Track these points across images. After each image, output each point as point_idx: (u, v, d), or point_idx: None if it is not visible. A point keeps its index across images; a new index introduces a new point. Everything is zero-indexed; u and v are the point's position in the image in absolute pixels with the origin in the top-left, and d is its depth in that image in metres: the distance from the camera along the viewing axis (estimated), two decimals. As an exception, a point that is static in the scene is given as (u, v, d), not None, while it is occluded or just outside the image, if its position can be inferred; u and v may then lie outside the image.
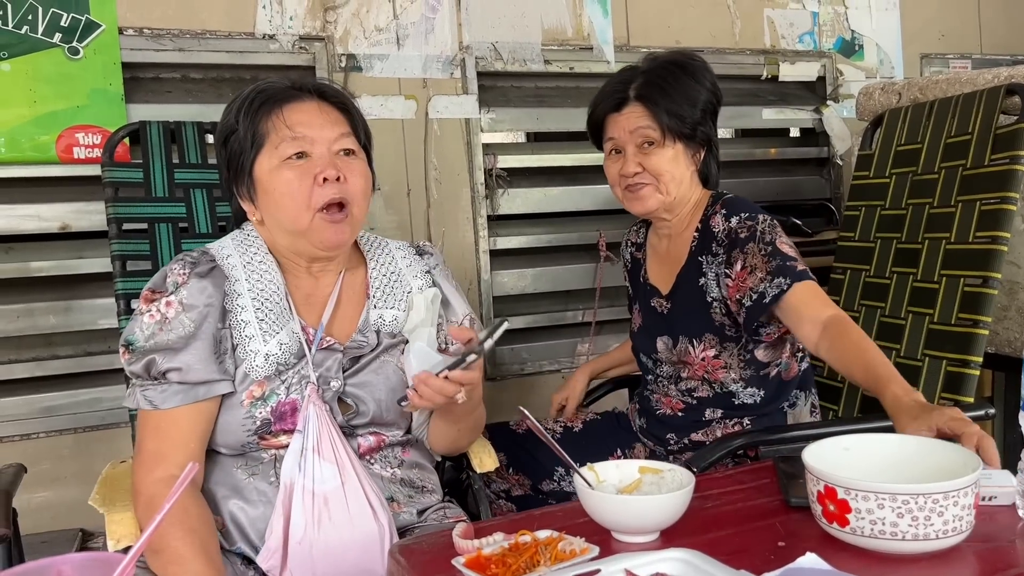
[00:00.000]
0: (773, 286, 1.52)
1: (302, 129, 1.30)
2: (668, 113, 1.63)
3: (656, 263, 1.80)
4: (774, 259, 1.54)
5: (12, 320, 2.02)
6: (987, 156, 1.78)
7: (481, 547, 0.97)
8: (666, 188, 1.66)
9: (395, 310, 1.41)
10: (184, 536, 1.16)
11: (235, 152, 1.33)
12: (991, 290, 1.71)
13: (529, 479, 1.84)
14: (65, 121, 1.98)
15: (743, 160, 2.79)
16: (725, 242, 1.62)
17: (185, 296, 1.28)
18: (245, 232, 1.41)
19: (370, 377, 1.35)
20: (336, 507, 1.25)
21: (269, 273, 1.36)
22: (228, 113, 1.35)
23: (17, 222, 2.00)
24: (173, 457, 1.24)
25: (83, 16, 1.98)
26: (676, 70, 1.66)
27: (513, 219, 2.51)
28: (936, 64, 2.97)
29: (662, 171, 1.64)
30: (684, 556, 0.90)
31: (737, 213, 1.62)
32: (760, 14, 2.73)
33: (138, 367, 1.26)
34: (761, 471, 1.27)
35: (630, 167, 1.66)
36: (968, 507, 0.92)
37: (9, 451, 1.97)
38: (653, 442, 1.78)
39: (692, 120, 1.64)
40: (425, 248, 1.52)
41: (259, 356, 1.30)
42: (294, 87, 1.35)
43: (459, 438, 1.47)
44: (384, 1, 2.29)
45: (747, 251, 1.57)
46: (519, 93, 2.50)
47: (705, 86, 1.67)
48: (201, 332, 1.27)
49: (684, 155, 1.67)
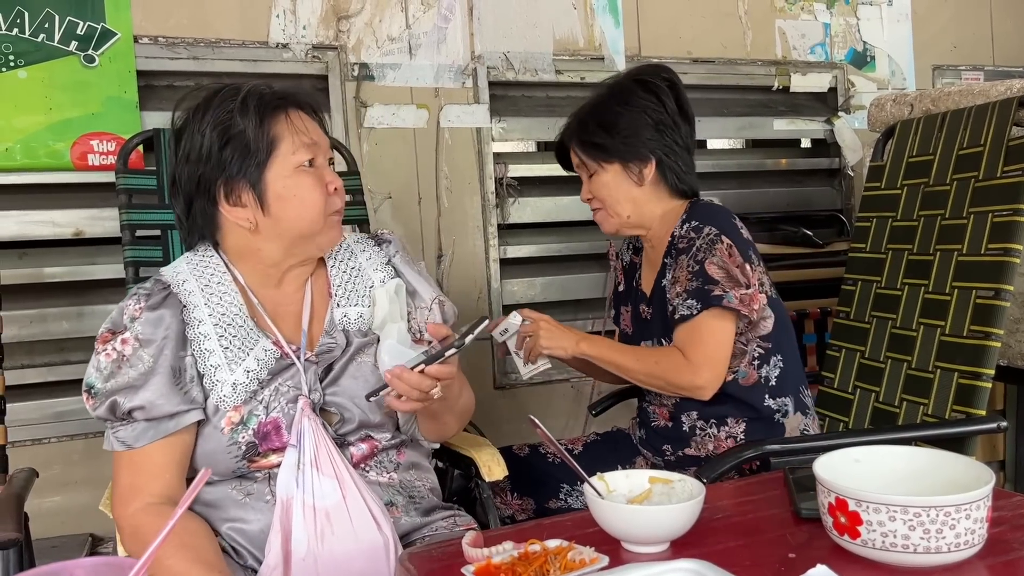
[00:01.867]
0: (684, 306, 1.60)
1: (309, 136, 1.31)
2: (582, 144, 1.75)
3: (646, 269, 1.85)
4: (695, 280, 1.59)
5: (25, 325, 2.03)
6: (999, 168, 1.78)
7: (491, 556, 0.97)
8: (614, 210, 1.75)
9: (359, 307, 1.39)
10: (176, 552, 1.16)
11: (238, 157, 1.27)
12: (1003, 302, 1.70)
13: (534, 500, 1.83)
14: (80, 128, 2.00)
15: (754, 171, 2.79)
16: (675, 248, 1.68)
17: (140, 331, 1.26)
18: (199, 255, 1.37)
19: (348, 382, 1.33)
20: (339, 521, 1.23)
21: (228, 295, 1.33)
22: (216, 116, 1.28)
23: (32, 228, 2.02)
24: (148, 488, 1.23)
25: (99, 24, 2.00)
26: (606, 96, 1.76)
27: (523, 228, 2.52)
28: (948, 75, 2.97)
29: (604, 195, 1.75)
30: (694, 567, 0.89)
31: (691, 220, 1.68)
32: (772, 25, 2.74)
33: (102, 410, 1.25)
34: (771, 482, 1.27)
35: (583, 195, 1.81)
36: (980, 520, 0.92)
37: (21, 456, 1.98)
38: (651, 453, 1.78)
39: (610, 144, 1.71)
40: (383, 236, 1.49)
41: (226, 386, 1.27)
42: (277, 93, 1.33)
43: (446, 428, 1.44)
44: (397, 11, 2.31)
45: (679, 262, 1.65)
46: (530, 103, 2.51)
47: (635, 105, 1.72)
48: (159, 366, 1.25)
49: (624, 175, 1.73)
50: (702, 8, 2.64)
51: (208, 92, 1.34)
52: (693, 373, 1.59)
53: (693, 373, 1.59)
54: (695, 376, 1.59)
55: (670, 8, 2.60)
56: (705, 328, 1.59)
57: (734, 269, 1.59)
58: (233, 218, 1.31)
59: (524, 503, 1.83)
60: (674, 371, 1.60)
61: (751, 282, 1.60)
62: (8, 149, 1.95)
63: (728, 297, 1.57)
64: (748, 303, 1.59)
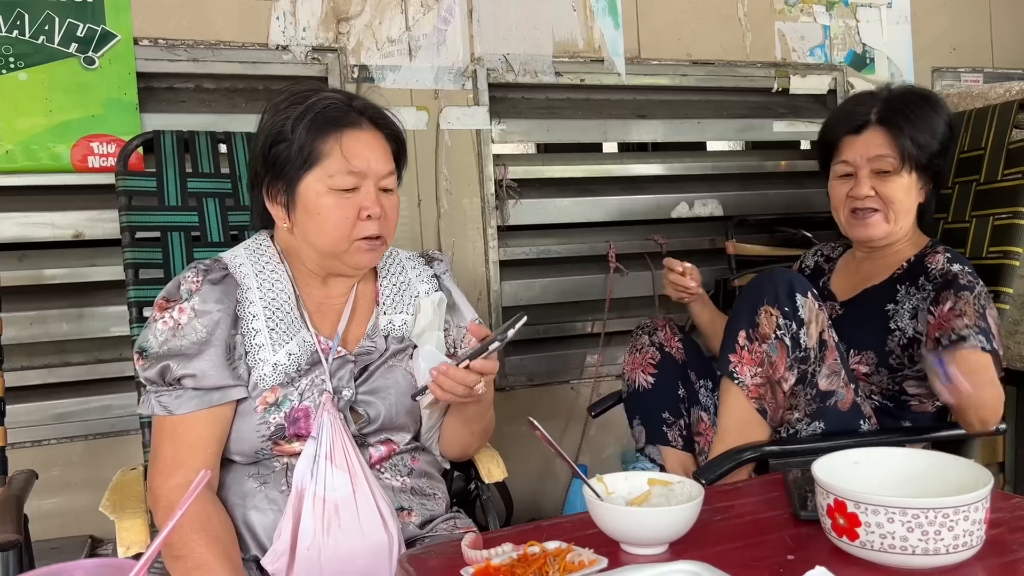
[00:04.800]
0: (976, 339, 1.49)
1: (358, 162, 1.30)
2: (911, 140, 1.64)
3: (843, 276, 1.81)
4: (983, 320, 1.52)
5: (25, 327, 2.03)
6: (1000, 171, 1.78)
7: (490, 557, 0.97)
8: (895, 217, 1.67)
9: (404, 314, 1.43)
10: (208, 543, 1.18)
11: (281, 160, 1.31)
12: (1003, 305, 1.70)
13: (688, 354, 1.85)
14: (80, 130, 2.00)
15: (753, 172, 2.79)
16: (939, 280, 1.61)
17: (198, 303, 1.29)
18: (257, 242, 1.42)
19: (380, 383, 1.37)
20: (346, 515, 1.25)
21: (280, 283, 1.37)
22: (279, 116, 1.32)
23: (31, 230, 2.02)
24: (191, 463, 1.25)
25: (99, 26, 2.00)
26: (918, 99, 1.69)
27: (523, 230, 2.52)
28: (948, 78, 2.97)
29: (894, 199, 1.66)
30: (693, 568, 0.89)
31: (962, 264, 1.62)
32: (771, 27, 2.74)
33: (152, 373, 1.27)
34: (770, 484, 1.27)
35: (863, 189, 1.67)
36: (978, 522, 0.92)
37: (20, 457, 1.98)
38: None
39: (930, 151, 1.66)
40: (434, 255, 1.54)
41: (267, 365, 1.31)
42: (354, 108, 1.34)
43: (471, 442, 1.48)
44: (397, 13, 2.31)
45: (961, 297, 1.55)
46: (530, 104, 2.51)
47: (943, 119, 1.69)
48: (214, 338, 1.28)
49: (915, 186, 1.69)
50: (702, 10, 2.65)
51: (287, 93, 1.36)
52: (994, 414, 1.48)
53: (994, 414, 1.48)
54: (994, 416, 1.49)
55: (670, 10, 2.60)
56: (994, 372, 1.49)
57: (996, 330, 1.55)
58: (273, 213, 1.36)
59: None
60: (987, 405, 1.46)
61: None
62: (8, 151, 1.95)
63: (997, 349, 1.51)
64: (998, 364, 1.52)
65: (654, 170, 2.67)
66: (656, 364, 1.83)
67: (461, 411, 1.40)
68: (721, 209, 2.67)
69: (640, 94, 2.64)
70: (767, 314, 1.50)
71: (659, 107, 2.64)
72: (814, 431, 1.54)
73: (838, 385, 1.54)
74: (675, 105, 2.67)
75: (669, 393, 1.83)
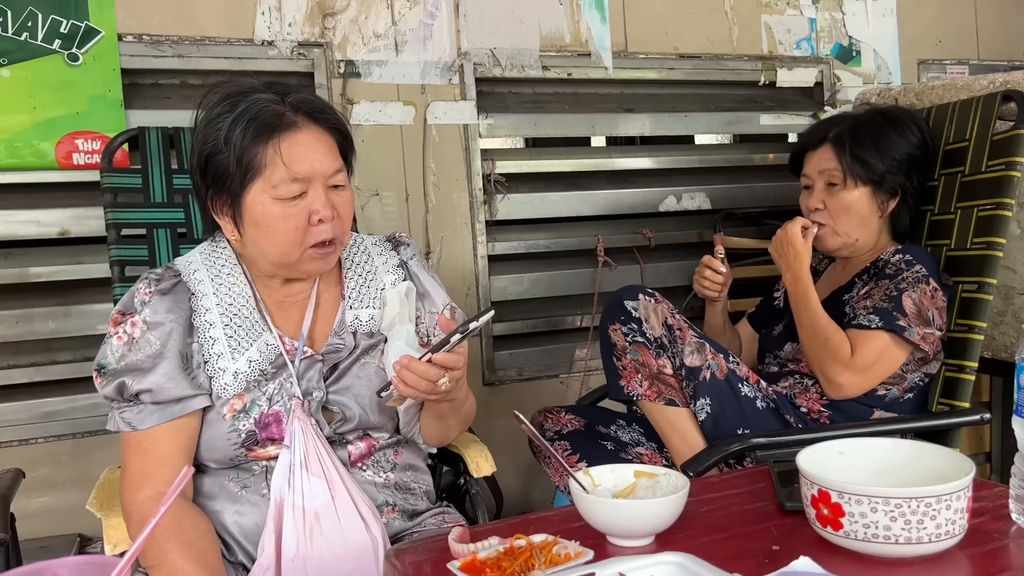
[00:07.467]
0: (865, 317, 1.63)
1: (301, 167, 1.23)
2: (853, 157, 1.75)
3: (824, 284, 1.89)
4: (888, 302, 1.63)
5: (11, 325, 2.02)
6: (984, 162, 1.79)
7: (476, 551, 0.98)
8: (844, 230, 1.78)
9: (370, 309, 1.39)
10: (181, 549, 1.16)
11: (220, 173, 1.25)
12: (987, 296, 1.71)
13: (585, 418, 1.89)
14: (65, 127, 1.99)
15: (741, 166, 2.80)
16: (877, 270, 1.73)
17: (149, 315, 1.27)
18: (213, 245, 1.38)
19: (352, 382, 1.34)
20: (327, 522, 1.24)
21: (238, 286, 1.33)
22: (212, 125, 1.25)
23: (16, 227, 2.01)
24: (158, 475, 1.23)
25: (82, 23, 1.99)
26: (879, 119, 1.80)
27: (511, 224, 2.52)
28: (933, 70, 2.98)
29: (840, 211, 1.77)
30: (679, 560, 0.90)
31: (905, 254, 1.71)
32: (758, 20, 2.74)
33: (110, 390, 1.26)
34: (756, 475, 1.28)
35: (813, 201, 1.82)
36: (961, 511, 0.93)
37: (7, 456, 1.97)
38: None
39: (879, 168, 1.75)
40: (401, 239, 1.48)
41: (227, 374, 1.28)
42: (289, 107, 1.26)
43: (449, 433, 1.47)
44: (383, 7, 2.30)
45: (879, 284, 1.68)
46: (517, 99, 2.51)
47: (908, 139, 1.78)
48: (167, 350, 1.26)
49: (869, 200, 1.77)
50: (688, 4, 2.65)
51: (219, 95, 1.28)
52: (846, 369, 1.63)
53: (846, 369, 1.63)
54: (845, 373, 1.63)
55: (656, 4, 2.60)
56: (882, 345, 1.63)
57: (931, 310, 1.63)
58: (221, 225, 1.31)
59: (574, 417, 1.91)
60: (833, 356, 1.64)
61: (942, 326, 1.65)
62: (-8, 149, 1.94)
63: (911, 331, 1.61)
64: (931, 342, 1.63)
65: (642, 164, 2.67)
66: (571, 442, 1.82)
67: (434, 407, 1.36)
68: (709, 202, 2.68)
69: (627, 88, 2.64)
70: (614, 331, 1.70)
71: (646, 101, 2.65)
72: (703, 409, 1.65)
73: (705, 358, 1.66)
74: (662, 99, 2.67)
75: (601, 454, 1.80)
